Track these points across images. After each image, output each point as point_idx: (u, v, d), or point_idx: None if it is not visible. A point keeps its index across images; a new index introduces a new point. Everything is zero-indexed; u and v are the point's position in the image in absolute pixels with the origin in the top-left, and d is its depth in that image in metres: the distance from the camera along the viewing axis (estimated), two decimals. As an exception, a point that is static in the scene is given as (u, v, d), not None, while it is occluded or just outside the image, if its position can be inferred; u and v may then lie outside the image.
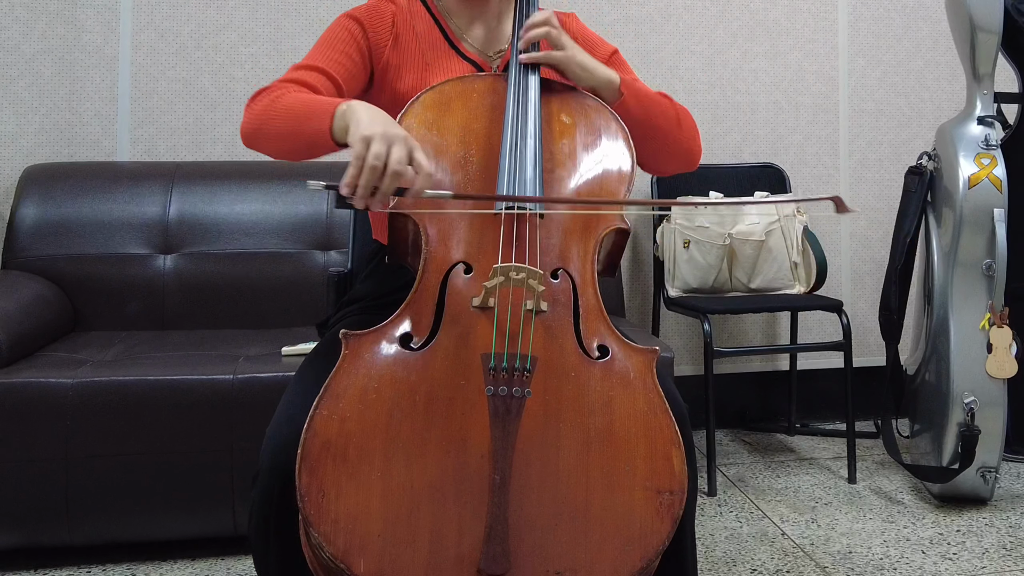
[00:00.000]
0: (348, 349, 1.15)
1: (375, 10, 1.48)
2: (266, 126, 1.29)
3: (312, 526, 1.03)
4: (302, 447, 1.07)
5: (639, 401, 1.16)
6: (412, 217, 1.25)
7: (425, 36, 1.48)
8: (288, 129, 1.27)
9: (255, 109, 1.32)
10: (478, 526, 1.05)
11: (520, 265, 1.16)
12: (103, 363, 2.05)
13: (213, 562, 2.04)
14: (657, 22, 3.06)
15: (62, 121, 2.68)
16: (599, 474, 1.10)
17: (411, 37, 1.47)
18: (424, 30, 1.48)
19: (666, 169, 1.53)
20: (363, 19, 1.46)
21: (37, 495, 1.92)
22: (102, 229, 2.47)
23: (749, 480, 2.61)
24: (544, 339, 1.17)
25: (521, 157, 1.27)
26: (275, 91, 1.31)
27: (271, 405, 1.90)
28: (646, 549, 1.08)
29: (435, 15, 1.51)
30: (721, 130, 3.11)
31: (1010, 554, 2.10)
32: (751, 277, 2.79)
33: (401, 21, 1.47)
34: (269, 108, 1.29)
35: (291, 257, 2.54)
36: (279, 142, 1.31)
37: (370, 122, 1.15)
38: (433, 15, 1.51)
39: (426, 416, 1.10)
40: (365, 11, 1.48)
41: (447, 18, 1.51)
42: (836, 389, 2.90)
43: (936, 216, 2.49)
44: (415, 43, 1.47)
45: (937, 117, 3.08)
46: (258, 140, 1.32)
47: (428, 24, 1.49)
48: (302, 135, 1.26)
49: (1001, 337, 2.33)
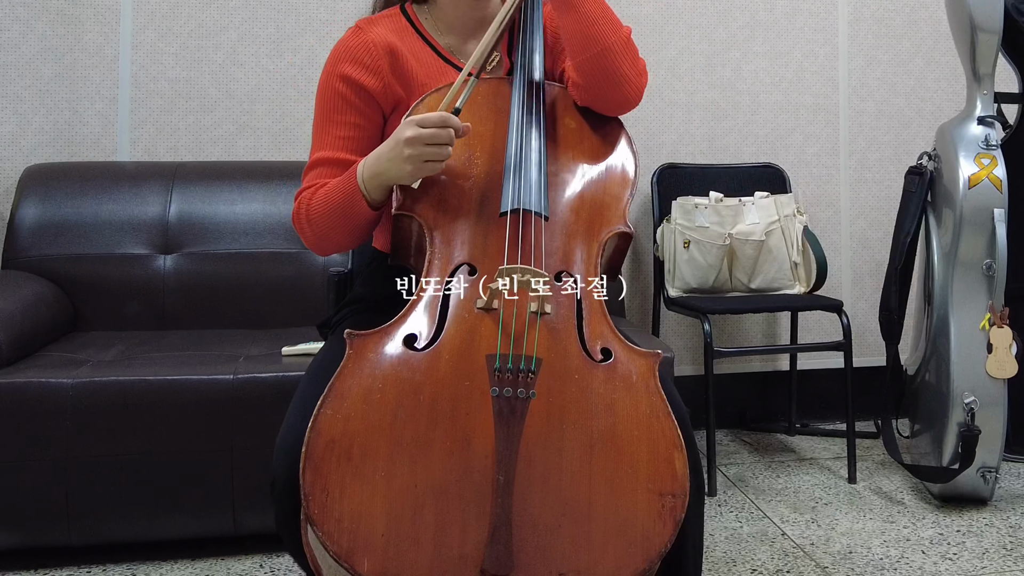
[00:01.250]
0: (352, 349, 1.15)
1: (364, 48, 1.40)
2: (326, 237, 1.39)
3: (316, 525, 1.04)
4: (306, 446, 1.07)
5: (642, 404, 1.16)
6: (416, 218, 1.26)
7: (420, 59, 1.44)
8: (343, 224, 1.36)
9: (308, 234, 1.40)
10: (482, 526, 1.05)
11: (526, 267, 1.17)
12: (103, 363, 2.05)
13: (213, 562, 2.04)
14: (657, 22, 3.06)
15: (62, 121, 2.68)
16: (602, 476, 1.10)
17: (406, 64, 1.42)
18: (418, 53, 1.44)
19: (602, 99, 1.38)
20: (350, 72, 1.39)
21: (37, 495, 1.92)
22: (102, 229, 2.47)
23: (749, 480, 2.61)
24: (548, 341, 1.18)
25: (526, 160, 1.28)
26: (303, 207, 1.39)
27: (271, 405, 1.93)
28: (648, 551, 1.08)
29: (425, 37, 1.47)
30: (721, 130, 3.11)
31: (1010, 554, 2.10)
32: (751, 277, 2.79)
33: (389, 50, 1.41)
34: (313, 223, 1.38)
35: (291, 257, 2.54)
36: (347, 237, 1.40)
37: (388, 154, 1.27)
38: (423, 36, 1.47)
39: (430, 416, 1.11)
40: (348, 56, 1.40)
41: (438, 37, 1.48)
42: (836, 389, 2.90)
43: (936, 216, 2.49)
44: (412, 69, 1.43)
45: (937, 117, 3.08)
46: (331, 247, 1.42)
47: (420, 46, 1.45)
48: (355, 219, 1.35)
49: (1001, 337, 2.33)
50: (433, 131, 1.23)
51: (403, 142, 1.23)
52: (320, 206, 1.36)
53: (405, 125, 1.24)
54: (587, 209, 1.32)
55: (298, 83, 2.81)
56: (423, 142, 1.22)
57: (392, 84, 1.41)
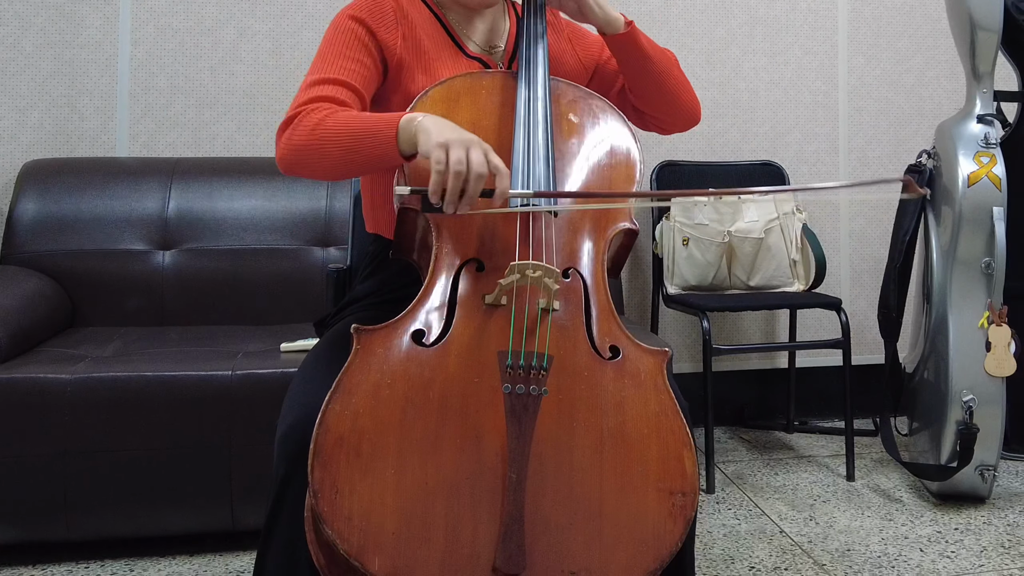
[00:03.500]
0: (360, 344, 1.13)
1: (375, 5, 1.41)
2: (317, 151, 1.25)
3: (325, 523, 1.03)
4: (314, 442, 1.06)
5: (651, 402, 1.16)
6: (423, 213, 1.24)
7: (428, 32, 1.44)
8: (344, 156, 1.24)
9: (297, 137, 1.26)
10: (493, 525, 1.05)
11: (537, 263, 1.16)
12: (101, 359, 2.04)
13: (211, 558, 2.03)
14: (656, 19, 3.05)
15: (61, 117, 2.68)
16: (612, 475, 1.10)
17: (415, 32, 1.43)
18: (426, 25, 1.45)
19: (671, 120, 1.54)
20: (367, 18, 1.39)
21: (35, 491, 1.91)
22: (101, 225, 2.47)
23: (747, 478, 2.61)
24: (558, 338, 1.17)
25: (534, 155, 1.27)
26: (313, 115, 1.26)
27: (270, 401, 1.92)
28: (659, 551, 1.08)
29: (433, 10, 1.47)
30: (720, 128, 3.11)
31: (1008, 552, 2.10)
32: (750, 275, 2.79)
33: (402, 15, 1.42)
34: (316, 133, 1.24)
35: (290, 253, 2.54)
36: (333, 171, 1.28)
37: (441, 130, 1.15)
38: (432, 9, 1.47)
39: (440, 413, 1.10)
40: (366, 8, 1.40)
41: (444, 10, 1.48)
42: (835, 387, 2.90)
43: (935, 214, 2.49)
44: (420, 39, 1.43)
45: (936, 115, 3.08)
46: (305, 165, 1.28)
47: (428, 18, 1.46)
48: (362, 159, 1.24)
49: (1000, 335, 2.33)
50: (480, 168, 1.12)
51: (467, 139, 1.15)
52: (342, 124, 1.24)
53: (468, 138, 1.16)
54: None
55: (297, 79, 2.79)
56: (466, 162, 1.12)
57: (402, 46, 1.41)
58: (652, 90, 1.49)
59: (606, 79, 1.57)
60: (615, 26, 1.43)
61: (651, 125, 1.55)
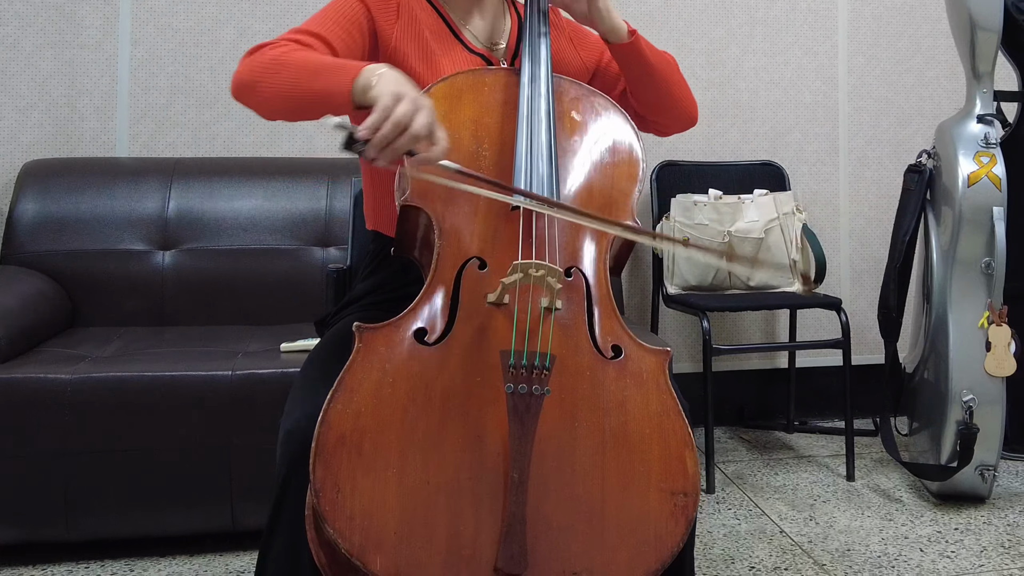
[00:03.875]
0: (362, 343, 1.13)
1: None
2: (271, 78, 1.23)
3: (327, 522, 1.02)
4: (316, 441, 1.05)
5: (653, 402, 1.16)
6: (425, 210, 1.23)
7: (428, 23, 1.44)
8: (297, 82, 1.22)
9: (258, 61, 1.25)
10: (495, 525, 1.05)
11: (540, 262, 1.15)
12: (101, 359, 2.04)
13: (211, 558, 2.03)
14: (656, 19, 3.05)
15: (61, 117, 2.68)
16: (614, 475, 1.10)
17: (415, 22, 1.43)
18: (427, 17, 1.45)
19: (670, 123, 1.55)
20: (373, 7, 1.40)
21: (35, 491, 1.91)
22: (101, 225, 2.47)
23: (747, 478, 2.61)
24: (560, 337, 1.17)
25: (537, 154, 1.27)
26: (282, 46, 1.26)
27: (270, 401, 1.92)
28: (661, 551, 1.08)
29: (436, 6, 1.47)
30: (720, 128, 3.11)
31: (1008, 552, 2.10)
32: (750, 275, 2.79)
33: (406, 8, 1.43)
34: (277, 61, 1.24)
35: (290, 253, 2.54)
36: (280, 97, 1.24)
37: (400, 84, 1.13)
38: (432, 3, 1.47)
39: (442, 412, 1.09)
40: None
41: (446, 7, 1.48)
42: (835, 387, 2.90)
43: (935, 214, 2.49)
44: (420, 29, 1.42)
45: (936, 115, 3.08)
46: (255, 93, 1.26)
47: (429, 11, 1.46)
48: (312, 90, 1.21)
49: (1000, 335, 2.33)
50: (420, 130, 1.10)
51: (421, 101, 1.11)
52: (304, 58, 1.24)
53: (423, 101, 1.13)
54: (596, 204, 1.31)
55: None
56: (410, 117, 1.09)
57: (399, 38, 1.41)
58: (653, 96, 1.49)
59: (608, 81, 1.57)
60: (619, 34, 1.43)
61: (650, 127, 1.56)
